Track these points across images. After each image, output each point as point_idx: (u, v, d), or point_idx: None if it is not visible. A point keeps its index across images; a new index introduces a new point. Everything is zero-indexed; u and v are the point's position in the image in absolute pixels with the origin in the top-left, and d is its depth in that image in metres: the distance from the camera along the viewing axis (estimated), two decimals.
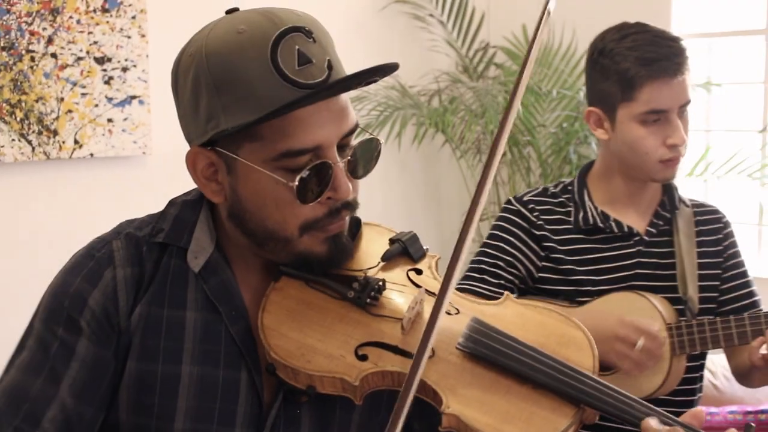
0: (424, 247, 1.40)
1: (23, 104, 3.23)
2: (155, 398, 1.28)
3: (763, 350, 1.95)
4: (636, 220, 2.15)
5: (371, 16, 4.40)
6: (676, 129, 2.02)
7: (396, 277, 1.35)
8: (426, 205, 4.78)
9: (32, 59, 3.24)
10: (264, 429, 1.30)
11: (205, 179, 1.30)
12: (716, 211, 2.23)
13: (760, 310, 2.16)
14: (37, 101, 3.26)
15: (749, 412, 3.79)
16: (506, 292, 1.39)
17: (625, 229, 2.12)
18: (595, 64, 2.11)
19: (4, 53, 3.17)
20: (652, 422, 1.20)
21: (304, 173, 1.23)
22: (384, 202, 4.49)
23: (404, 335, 1.27)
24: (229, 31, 1.23)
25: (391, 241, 1.38)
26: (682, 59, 2.04)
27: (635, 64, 2.02)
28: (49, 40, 3.28)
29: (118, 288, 1.30)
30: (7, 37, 3.17)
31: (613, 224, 2.12)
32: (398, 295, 1.32)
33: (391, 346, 1.26)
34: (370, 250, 1.38)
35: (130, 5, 3.44)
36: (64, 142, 3.32)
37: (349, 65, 1.29)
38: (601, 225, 2.12)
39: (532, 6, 4.68)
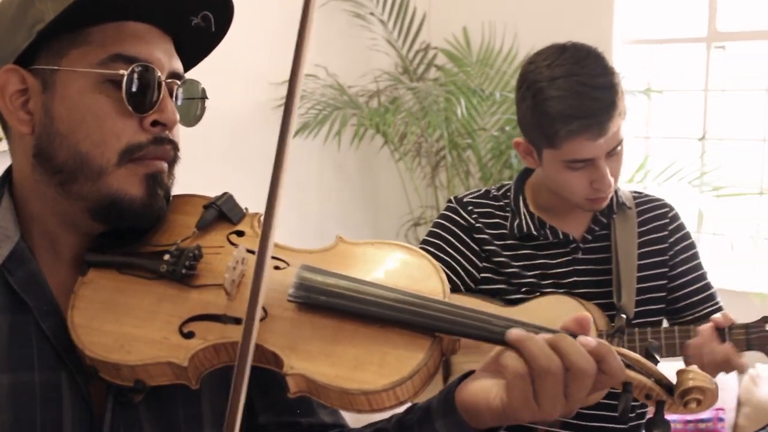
0: (244, 207, 1.26)
1: None
2: None
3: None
4: (573, 226, 2.08)
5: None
6: (602, 175, 1.92)
7: (215, 242, 1.21)
8: (363, 207, 4.71)
9: None
10: None
11: (13, 107, 1.16)
12: (662, 206, 2.14)
13: (716, 303, 2.10)
14: None
15: (689, 422, 3.81)
16: (338, 235, 1.25)
17: (560, 236, 2.06)
18: (523, 96, 1.97)
19: None
20: (516, 331, 1.06)
21: (136, 67, 1.13)
22: (319, 203, 4.39)
23: (231, 300, 1.13)
24: None
25: (205, 208, 1.23)
26: (608, 114, 1.88)
27: (557, 119, 1.88)
28: None
29: None
30: None
31: (548, 231, 2.06)
32: (219, 260, 1.18)
33: (217, 315, 1.13)
34: (183, 221, 1.23)
35: None
36: None
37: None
38: (535, 233, 2.06)
39: (472, 8, 4.65)
